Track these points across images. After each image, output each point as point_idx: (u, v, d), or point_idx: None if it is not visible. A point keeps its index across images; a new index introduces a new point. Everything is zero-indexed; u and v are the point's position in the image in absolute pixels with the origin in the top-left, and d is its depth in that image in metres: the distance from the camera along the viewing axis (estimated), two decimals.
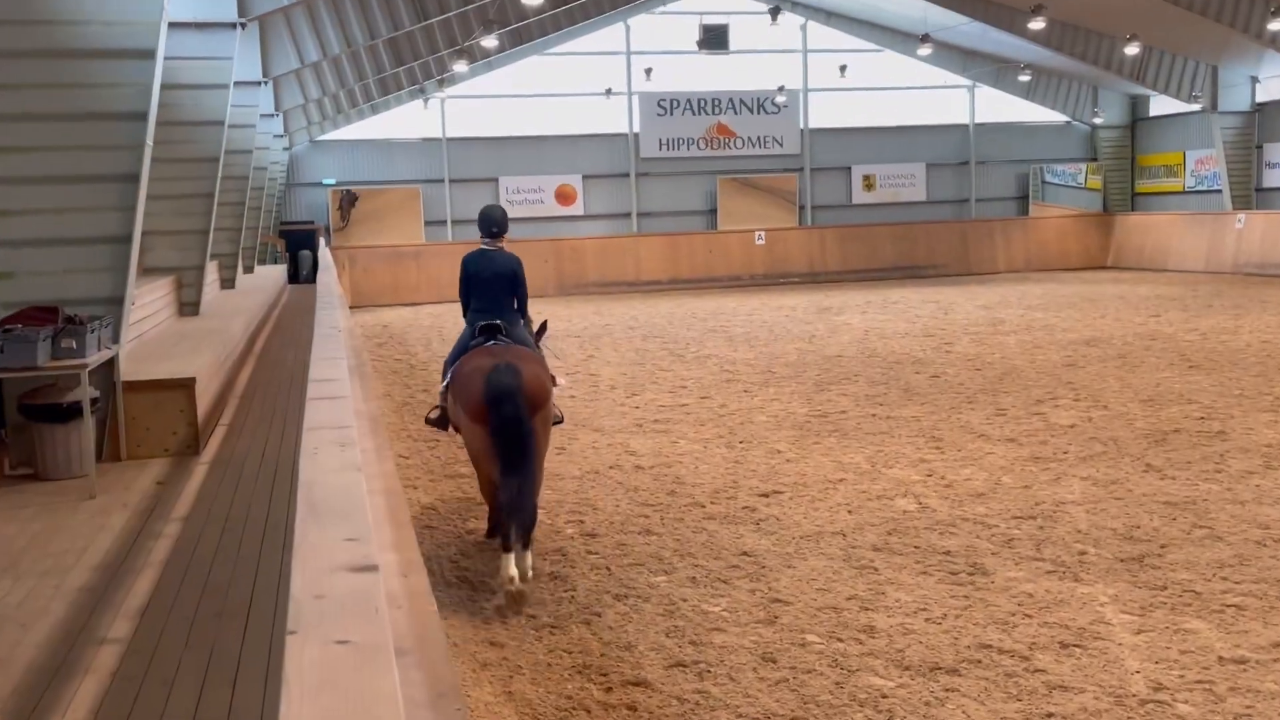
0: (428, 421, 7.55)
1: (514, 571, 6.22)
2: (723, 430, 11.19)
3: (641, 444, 10.64)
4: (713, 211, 34.12)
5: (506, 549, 6.28)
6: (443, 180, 32.18)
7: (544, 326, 8.11)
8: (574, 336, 20.66)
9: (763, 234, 33.22)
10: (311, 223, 31.34)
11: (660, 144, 33.64)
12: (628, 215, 33.67)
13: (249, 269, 22.45)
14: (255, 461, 7.48)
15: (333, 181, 31.63)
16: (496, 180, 32.51)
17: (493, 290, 7.30)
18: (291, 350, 13.18)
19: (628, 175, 33.50)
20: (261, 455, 7.65)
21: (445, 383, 7.15)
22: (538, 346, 7.59)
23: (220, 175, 13.15)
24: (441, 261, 29.87)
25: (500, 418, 6.33)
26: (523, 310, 7.50)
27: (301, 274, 30.59)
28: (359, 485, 2.70)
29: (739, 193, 33.92)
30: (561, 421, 7.57)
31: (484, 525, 7.71)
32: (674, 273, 32.62)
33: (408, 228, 31.67)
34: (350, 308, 19.32)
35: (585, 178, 33.14)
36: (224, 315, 12.88)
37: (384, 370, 16.42)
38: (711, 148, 33.93)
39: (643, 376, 15.15)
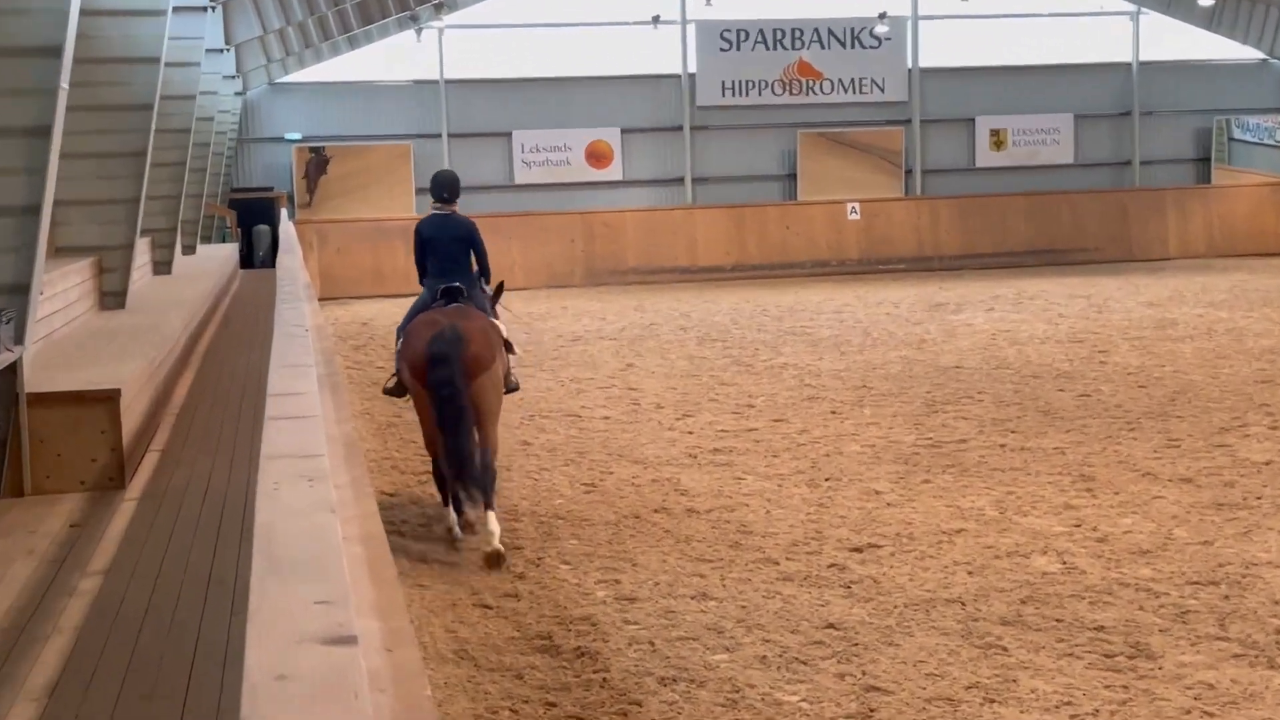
0: (385, 391, 9.68)
1: (454, 521, 8.71)
2: (803, 464, 11.16)
3: (696, 481, 10.64)
4: (791, 176, 34.06)
5: (446, 503, 8.84)
6: (440, 135, 32.40)
7: (500, 288, 10.01)
8: (608, 339, 20.70)
9: (857, 206, 33.12)
10: (271, 189, 31.68)
11: (723, 88, 33.68)
12: (679, 181, 33.70)
13: (190, 249, 22.72)
14: (197, 498, 7.56)
15: (298, 136, 31.95)
16: (509, 135, 32.69)
17: (451, 254, 9.28)
18: (245, 355, 13.31)
19: (680, 129, 33.54)
20: (205, 490, 7.73)
21: (399, 346, 9.18)
22: (495, 310, 9.56)
23: (154, 128, 13.32)
24: None
25: (435, 378, 8.39)
26: (485, 275, 9.48)
27: (257, 256, 30.87)
28: (332, 531, 2.72)
29: (826, 152, 33.85)
30: (517, 389, 9.62)
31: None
32: (740, 256, 32.61)
33: (395, 196, 31.94)
34: (320, 299, 19.50)
35: (624, 132, 33.22)
36: (158, 308, 13.04)
37: (363, 381, 16.55)
38: (790, 93, 33.92)
39: (698, 392, 15.15)
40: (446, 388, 8.39)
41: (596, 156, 33.20)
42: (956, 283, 29.12)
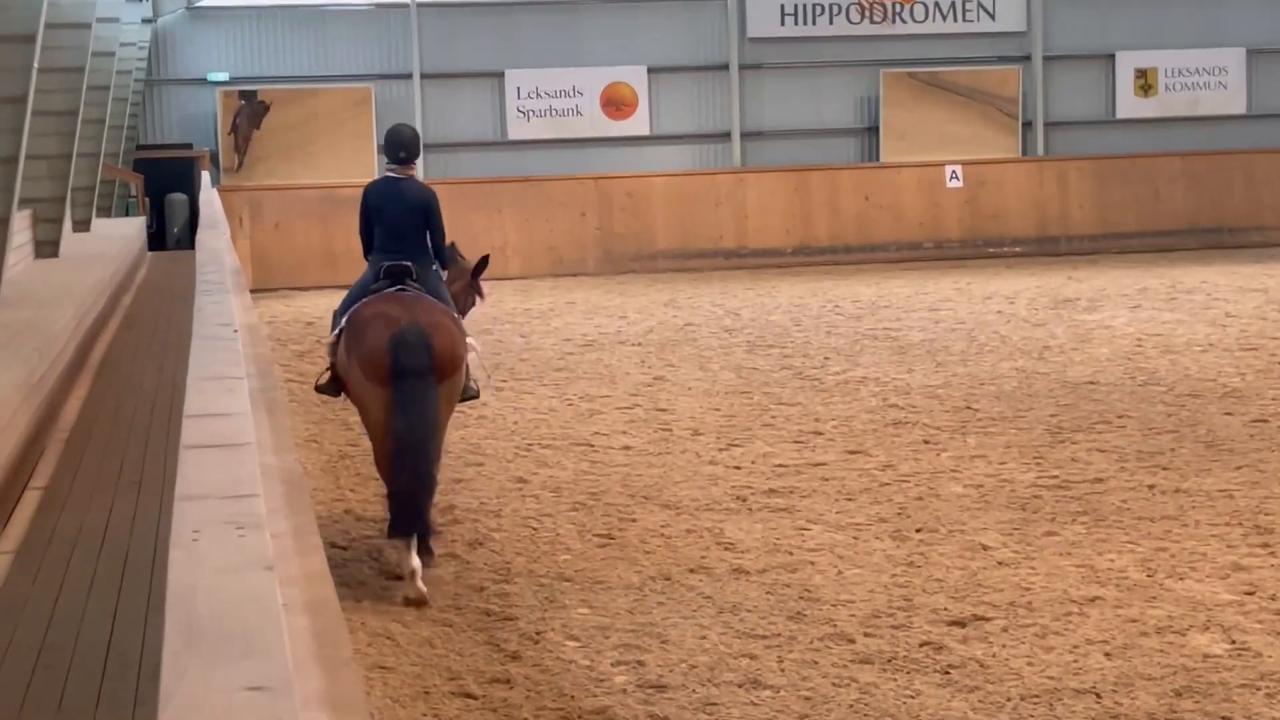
0: (317, 388, 10.54)
1: (417, 563, 9.10)
2: (886, 509, 11.16)
3: (745, 531, 10.64)
4: (872, 130, 34.02)
5: (408, 545, 9.13)
6: (410, 75, 32.48)
7: (484, 261, 11.30)
8: (630, 345, 20.70)
9: (958, 170, 33.05)
10: (189, 146, 31.76)
11: (782, 14, 33.69)
12: (724, 137, 33.71)
13: (83, 224, 22.84)
14: (91, 551, 7.58)
15: (225, 77, 32.07)
16: (501, 76, 32.75)
17: (401, 227, 10.12)
18: (155, 363, 13.36)
19: (725, 68, 33.56)
20: (102, 541, 7.75)
21: (336, 333, 10.01)
22: (475, 291, 11.08)
23: (36, 67, 13.37)
24: None
25: (406, 394, 9.22)
26: (439, 256, 10.32)
27: (171, 233, 30.95)
28: (269, 596, 2.73)
29: (918, 99, 33.79)
30: (477, 396, 10.61)
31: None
32: (804, 236, 32.57)
33: (351, 155, 32.02)
34: (253, 291, 19.58)
35: (652, 72, 33.26)
36: (41, 302, 13.09)
37: (309, 398, 16.59)
38: (871, 20, 33.91)
39: (748, 415, 15.14)
40: (421, 403, 9.29)
41: (616, 104, 33.23)
42: (1091, 271, 29.00)
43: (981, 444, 13.39)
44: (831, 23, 33.78)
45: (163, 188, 31.02)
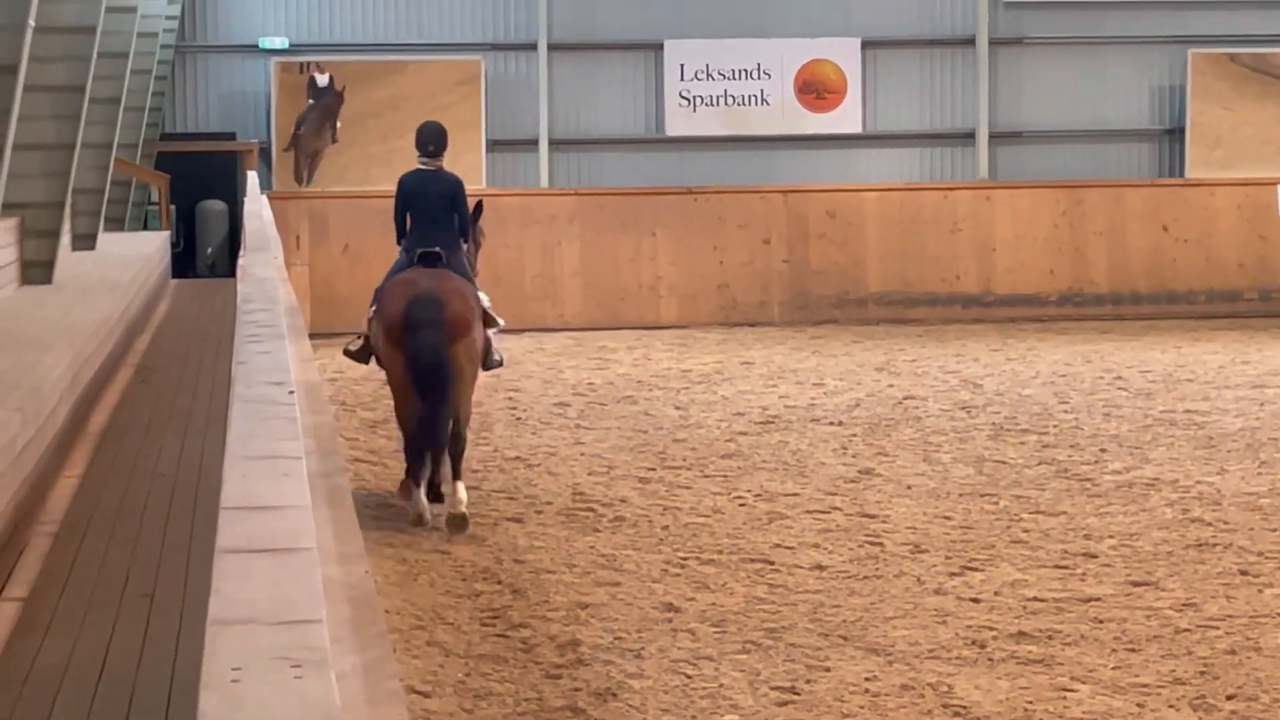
0: (346, 353, 16.20)
1: (424, 509, 14.53)
2: (1185, 666, 11.03)
3: (984, 690, 10.57)
4: (1175, 133, 33.71)
5: (417, 483, 14.59)
6: (534, 45, 32.66)
7: (479, 208, 16.47)
8: (827, 424, 20.63)
9: None
10: (232, 137, 32.05)
11: None
12: (967, 138, 33.58)
13: (86, 240, 23.15)
14: (81, 689, 7.67)
15: (282, 44, 32.36)
16: (659, 49, 32.85)
17: (433, 214, 15.38)
18: (177, 433, 13.52)
19: (970, 43, 33.46)
20: (99, 675, 7.85)
21: (374, 309, 15.28)
22: (477, 245, 16.47)
23: (31, 26, 13.61)
24: (534, 233, 30.29)
25: (417, 345, 14.26)
26: (465, 237, 15.57)
27: (204, 254, 31.30)
28: None
29: (1240, 90, 33.45)
30: (501, 365, 16.03)
31: None
32: (1074, 278, 32.32)
33: (452, 152, 32.05)
34: (313, 336, 19.72)
35: (868, 46, 33.24)
36: (25, 345, 13.24)
37: (382, 484, 16.69)
38: None
39: (991, 527, 15.05)
40: (431, 353, 14.22)
41: (816, 90, 33.24)
42: None
43: None
44: None
45: (194, 193, 31.39)
